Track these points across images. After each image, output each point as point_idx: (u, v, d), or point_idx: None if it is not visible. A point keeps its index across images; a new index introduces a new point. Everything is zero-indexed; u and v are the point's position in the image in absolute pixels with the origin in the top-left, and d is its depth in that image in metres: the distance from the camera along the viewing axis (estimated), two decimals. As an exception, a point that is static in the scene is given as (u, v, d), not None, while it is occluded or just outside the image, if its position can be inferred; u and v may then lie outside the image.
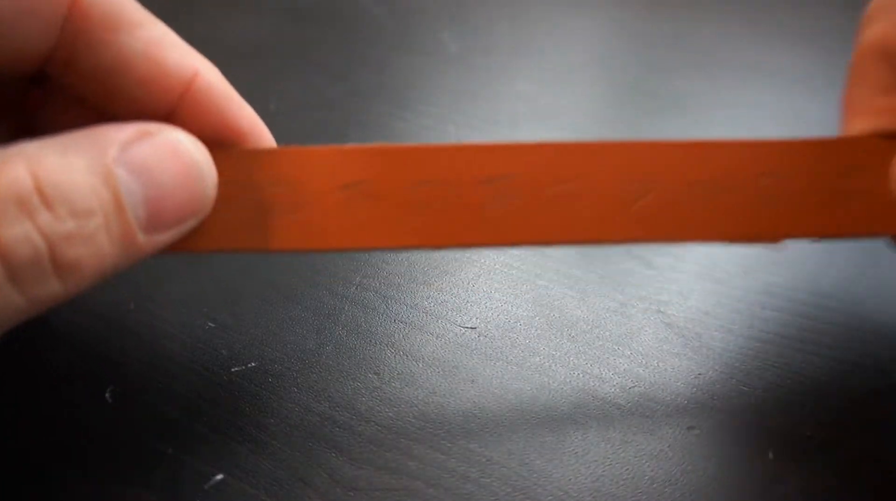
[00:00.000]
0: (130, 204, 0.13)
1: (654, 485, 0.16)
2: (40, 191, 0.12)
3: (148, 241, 0.14)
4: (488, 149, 0.16)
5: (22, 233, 0.12)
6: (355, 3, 0.36)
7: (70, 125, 0.17)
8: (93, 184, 0.13)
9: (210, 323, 0.19)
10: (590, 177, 0.16)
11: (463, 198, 0.16)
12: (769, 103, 0.28)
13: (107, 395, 0.17)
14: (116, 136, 0.13)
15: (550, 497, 0.15)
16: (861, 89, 0.18)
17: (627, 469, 0.16)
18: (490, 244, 0.17)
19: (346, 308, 0.20)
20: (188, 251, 0.16)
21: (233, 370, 0.18)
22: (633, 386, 0.18)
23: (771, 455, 0.16)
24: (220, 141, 0.16)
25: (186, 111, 0.15)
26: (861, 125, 0.18)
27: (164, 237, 0.14)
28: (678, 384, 0.18)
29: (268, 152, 0.16)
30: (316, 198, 0.16)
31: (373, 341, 0.19)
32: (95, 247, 0.13)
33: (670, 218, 0.16)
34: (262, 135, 0.17)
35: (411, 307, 0.20)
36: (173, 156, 0.14)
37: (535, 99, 0.29)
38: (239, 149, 0.16)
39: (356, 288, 0.20)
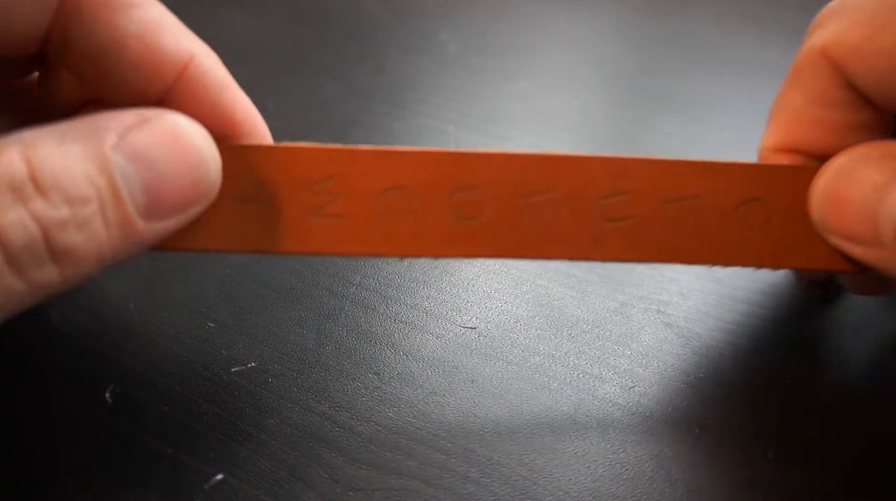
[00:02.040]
0: (128, 191, 0.13)
1: (654, 485, 0.16)
2: (34, 178, 0.12)
3: (149, 228, 0.13)
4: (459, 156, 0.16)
5: (17, 219, 0.12)
6: (355, 3, 0.36)
7: (73, 107, 0.16)
8: (88, 172, 0.12)
9: (210, 323, 0.19)
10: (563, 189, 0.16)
11: (429, 210, 0.16)
12: (769, 103, 0.28)
13: (107, 395, 0.17)
14: (115, 124, 0.13)
15: (550, 497, 0.15)
16: (795, 95, 0.17)
17: (627, 469, 0.16)
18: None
19: (346, 308, 0.20)
20: (188, 249, 0.15)
21: (233, 370, 0.18)
22: (633, 386, 0.18)
23: (771, 455, 0.16)
24: (213, 129, 0.15)
25: (180, 96, 0.15)
26: (784, 134, 0.17)
27: (168, 224, 0.14)
28: (678, 384, 0.18)
29: (273, 148, 0.16)
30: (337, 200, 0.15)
31: (373, 341, 0.19)
32: (91, 233, 0.12)
33: (644, 237, 0.16)
34: (257, 126, 0.16)
35: (411, 307, 0.20)
36: (173, 141, 0.14)
37: (535, 99, 0.29)
38: (243, 144, 0.16)
39: (356, 288, 0.20)
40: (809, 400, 0.18)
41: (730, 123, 0.27)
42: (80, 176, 0.12)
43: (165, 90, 0.15)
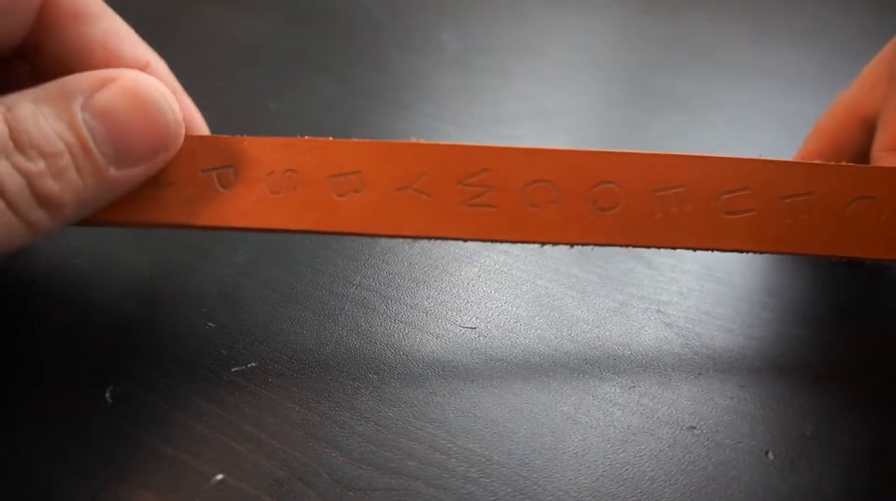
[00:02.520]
0: (96, 144, 0.15)
1: (654, 485, 0.16)
2: (14, 138, 0.14)
3: (122, 174, 0.16)
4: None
5: (4, 170, 0.14)
6: (355, 3, 0.36)
7: None
8: (59, 129, 0.14)
9: (210, 323, 0.19)
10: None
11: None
12: (769, 103, 0.28)
13: (107, 395, 0.17)
14: (82, 85, 0.15)
15: (550, 497, 0.15)
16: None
17: (627, 469, 0.16)
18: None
19: (346, 308, 0.20)
20: (361, 233, 0.17)
21: (233, 370, 0.18)
22: (633, 386, 0.18)
23: (771, 456, 0.16)
24: None
25: None
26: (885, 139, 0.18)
27: (139, 170, 0.16)
28: (678, 384, 0.18)
29: (437, 146, 0.17)
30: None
31: (373, 341, 0.19)
32: (68, 182, 0.15)
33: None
34: (198, 124, 0.19)
35: (411, 307, 0.20)
36: (133, 96, 0.16)
37: (535, 99, 0.29)
38: (424, 142, 0.17)
39: (356, 288, 0.20)
40: (809, 399, 0.18)
41: (729, 123, 0.27)
42: (52, 133, 0.14)
43: None
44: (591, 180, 0.17)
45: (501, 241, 0.18)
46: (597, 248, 0.21)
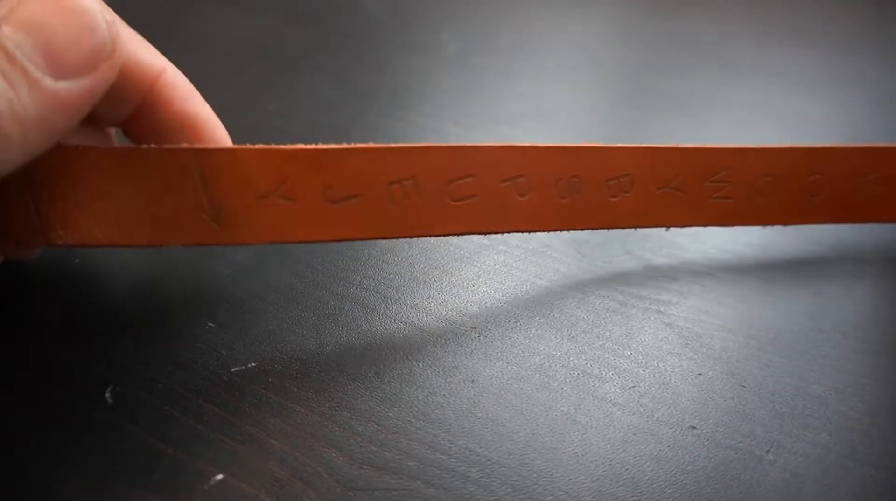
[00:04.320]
0: (21, 53, 0.14)
1: (654, 485, 0.16)
2: None
3: (64, 87, 0.14)
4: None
5: None
6: (355, 3, 0.36)
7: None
8: None
9: (210, 323, 0.19)
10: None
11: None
12: (769, 103, 0.28)
13: (107, 395, 0.17)
14: (3, 3, 0.14)
15: (550, 497, 0.15)
16: None
17: (627, 469, 0.16)
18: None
19: (346, 308, 0.20)
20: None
21: (233, 370, 0.18)
22: (633, 386, 0.18)
23: (771, 456, 0.16)
24: (181, 128, 0.18)
25: (154, 100, 0.17)
26: None
27: (85, 83, 0.15)
28: (678, 384, 0.18)
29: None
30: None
31: (373, 341, 0.19)
32: (3, 93, 0.13)
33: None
34: (217, 130, 0.18)
35: (411, 307, 0.20)
36: (55, 4, 0.15)
37: (535, 99, 0.29)
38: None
39: (356, 288, 0.20)
40: (809, 399, 0.18)
41: (730, 123, 0.27)
42: None
43: (143, 94, 0.17)
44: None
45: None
46: (598, 248, 0.22)
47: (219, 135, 0.18)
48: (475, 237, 0.22)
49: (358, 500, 0.15)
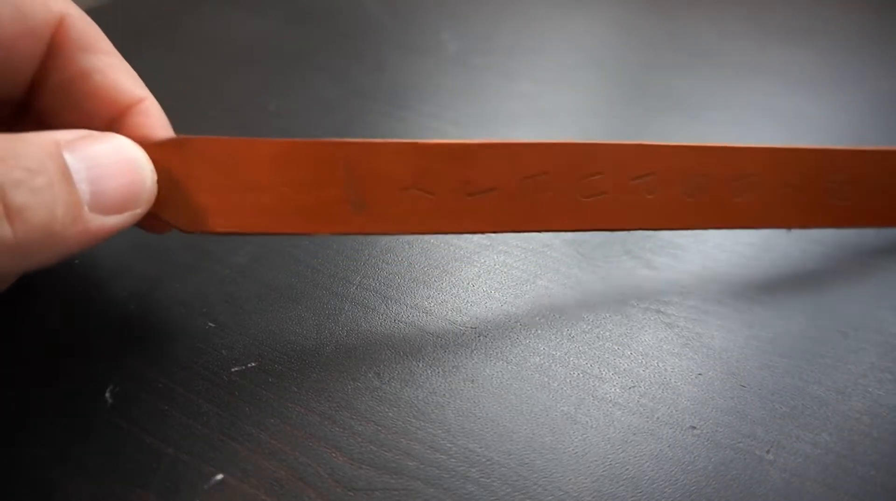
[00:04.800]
0: (76, 177, 0.15)
1: (654, 485, 0.16)
2: None
3: (94, 219, 0.15)
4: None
5: None
6: (355, 3, 0.36)
7: None
8: (41, 156, 0.14)
9: (210, 323, 0.19)
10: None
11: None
12: (769, 103, 0.28)
13: (107, 395, 0.17)
14: (65, 135, 0.15)
15: (550, 497, 0.15)
16: None
17: (627, 469, 0.16)
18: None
19: (346, 308, 0.20)
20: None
21: (233, 370, 0.18)
22: (633, 386, 0.18)
23: (771, 456, 0.16)
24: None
25: (126, 126, 0.17)
26: None
27: (110, 221, 0.15)
28: (678, 384, 0.18)
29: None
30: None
31: (373, 341, 0.19)
32: (43, 199, 0.14)
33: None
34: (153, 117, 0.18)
35: (411, 307, 0.20)
36: (116, 151, 0.16)
37: (535, 98, 0.29)
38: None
39: (356, 288, 0.20)
40: (809, 399, 0.18)
41: (730, 123, 0.27)
42: (33, 153, 0.14)
43: (115, 119, 0.17)
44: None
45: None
46: (598, 248, 0.22)
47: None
48: (475, 237, 0.22)
49: (358, 500, 0.15)
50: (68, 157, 0.15)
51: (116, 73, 0.17)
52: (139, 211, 0.16)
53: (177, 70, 0.30)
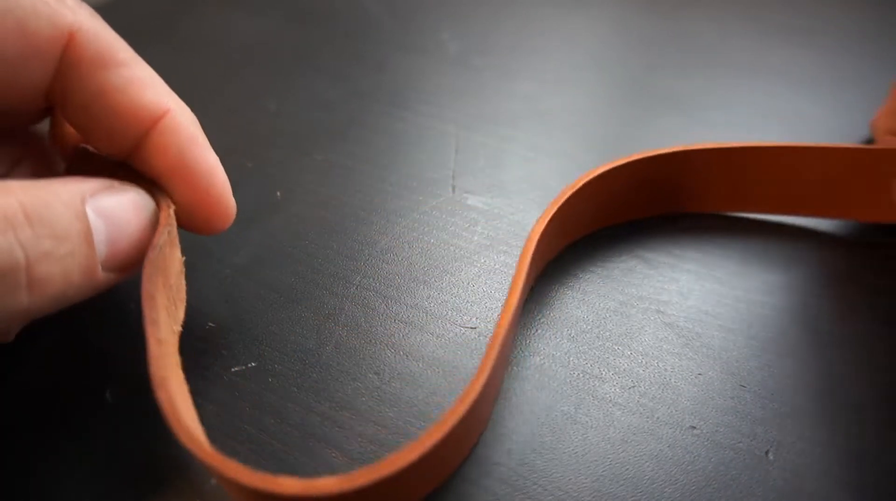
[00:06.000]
0: (97, 239, 0.15)
1: (654, 485, 0.16)
2: (25, 213, 0.13)
3: (104, 277, 0.15)
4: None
5: (6, 245, 0.13)
6: (355, 3, 0.36)
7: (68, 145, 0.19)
8: (68, 217, 0.14)
9: (210, 323, 0.19)
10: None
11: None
12: (769, 103, 0.28)
13: (107, 395, 0.17)
14: (87, 186, 0.15)
15: (550, 497, 0.15)
16: None
17: (627, 469, 0.16)
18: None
19: (346, 308, 0.20)
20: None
21: (233, 370, 0.18)
22: (633, 386, 0.18)
23: (771, 456, 0.16)
24: (176, 177, 0.17)
25: (151, 143, 0.17)
26: None
27: (115, 277, 0.16)
28: (678, 384, 0.18)
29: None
30: None
31: (373, 341, 0.19)
32: (64, 269, 0.14)
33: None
34: (215, 179, 0.18)
35: (411, 307, 0.20)
36: (133, 208, 0.16)
37: (535, 98, 0.29)
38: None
39: (356, 288, 0.20)
40: (809, 399, 0.18)
41: (730, 123, 0.27)
42: (63, 218, 0.14)
43: (140, 136, 0.17)
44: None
45: None
46: (598, 248, 0.22)
47: (216, 183, 0.18)
48: (475, 237, 0.22)
49: (358, 500, 0.15)
50: (91, 214, 0.15)
51: (136, 89, 0.17)
52: (136, 271, 0.16)
53: (177, 70, 0.30)
